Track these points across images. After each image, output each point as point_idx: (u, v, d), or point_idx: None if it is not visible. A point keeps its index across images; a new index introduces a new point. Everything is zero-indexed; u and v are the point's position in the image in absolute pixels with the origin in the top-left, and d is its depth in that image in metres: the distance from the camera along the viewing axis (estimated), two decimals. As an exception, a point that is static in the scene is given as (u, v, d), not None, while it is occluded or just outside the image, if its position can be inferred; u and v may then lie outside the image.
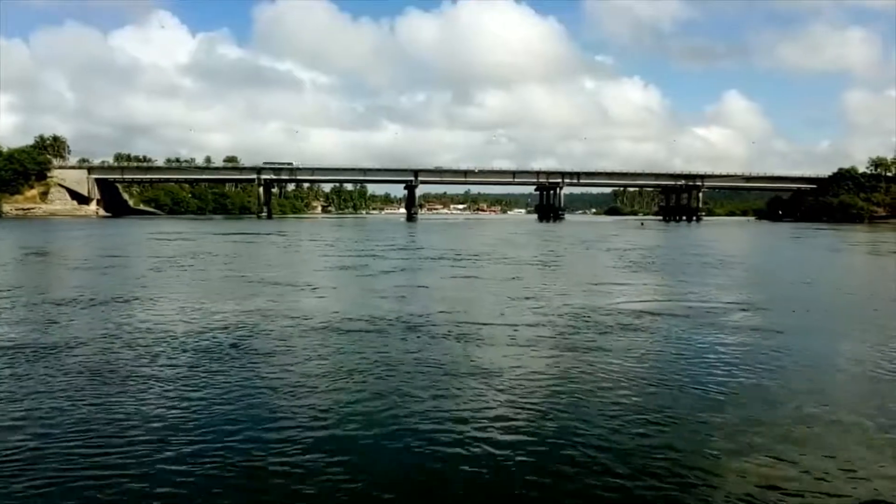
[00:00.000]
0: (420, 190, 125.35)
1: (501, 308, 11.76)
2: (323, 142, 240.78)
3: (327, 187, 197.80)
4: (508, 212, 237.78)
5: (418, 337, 9.10)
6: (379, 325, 9.91)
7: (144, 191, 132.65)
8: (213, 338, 8.95)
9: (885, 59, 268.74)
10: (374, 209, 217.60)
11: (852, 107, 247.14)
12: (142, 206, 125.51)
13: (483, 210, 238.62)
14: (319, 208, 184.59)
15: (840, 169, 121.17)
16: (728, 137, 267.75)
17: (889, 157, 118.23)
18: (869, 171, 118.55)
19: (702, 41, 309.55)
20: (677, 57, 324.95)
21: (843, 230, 63.76)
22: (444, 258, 24.21)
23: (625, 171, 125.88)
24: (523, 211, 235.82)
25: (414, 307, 11.80)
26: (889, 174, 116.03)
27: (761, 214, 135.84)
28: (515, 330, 9.61)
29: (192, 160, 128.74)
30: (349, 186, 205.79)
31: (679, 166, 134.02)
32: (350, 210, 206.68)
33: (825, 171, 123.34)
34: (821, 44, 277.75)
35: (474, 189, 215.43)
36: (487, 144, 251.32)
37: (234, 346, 8.46)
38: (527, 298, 12.93)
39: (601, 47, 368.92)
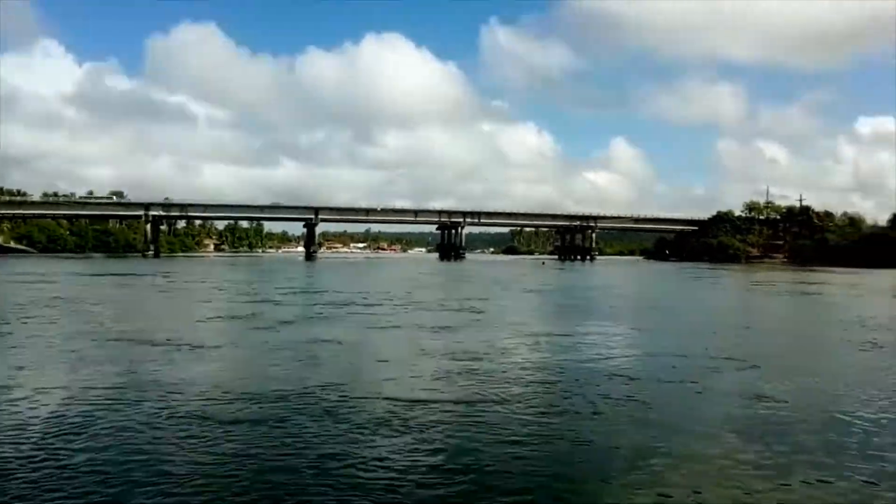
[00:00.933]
0: (319, 228, 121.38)
1: (442, 375, 9.29)
2: (217, 177, 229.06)
3: (221, 224, 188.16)
4: (409, 251, 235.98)
5: (337, 426, 6.50)
6: (279, 407, 7.21)
7: (17, 227, 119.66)
8: (29, 434, 5.93)
9: (751, 113, 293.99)
10: (270, 247, 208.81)
11: (723, 155, 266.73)
12: (12, 244, 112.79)
13: (384, 249, 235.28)
14: (212, 246, 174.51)
15: (718, 212, 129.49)
16: (615, 181, 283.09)
17: (761, 201, 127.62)
18: (744, 215, 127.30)
19: (590, 91, 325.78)
20: (568, 104, 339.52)
21: (727, 269, 66.69)
22: (353, 303, 21.50)
23: (524, 211, 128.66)
24: (423, 250, 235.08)
25: (325, 375, 9.12)
26: (762, 217, 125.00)
27: (649, 254, 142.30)
28: (470, 410, 7.22)
29: (73, 194, 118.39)
30: (244, 224, 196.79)
31: (572, 208, 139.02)
32: (245, 248, 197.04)
33: (703, 213, 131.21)
34: (693, 96, 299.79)
35: (374, 228, 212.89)
36: (387, 184, 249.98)
37: (56, 452, 5.49)
38: (470, 359, 10.53)
39: (498, 92, 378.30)
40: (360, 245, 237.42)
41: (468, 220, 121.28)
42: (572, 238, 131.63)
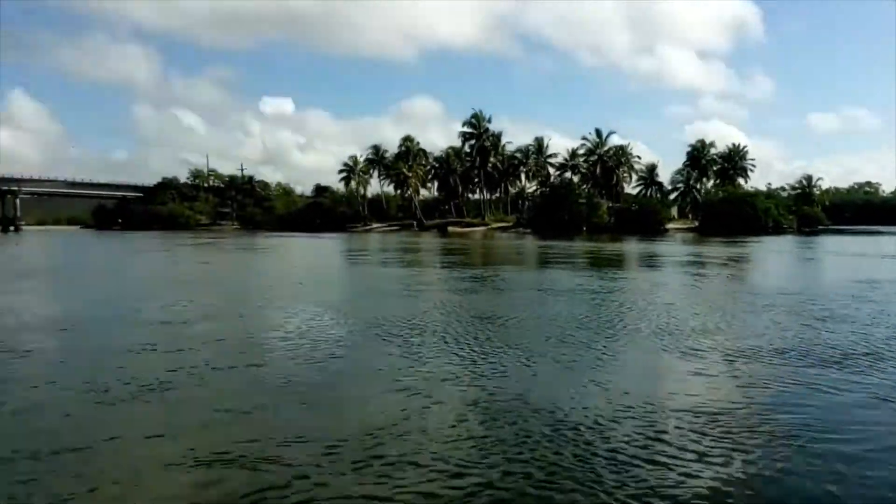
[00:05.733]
0: None
1: None
2: None
3: None
4: None
5: None
6: None
7: None
8: None
9: (165, 79, 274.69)
10: None
11: (141, 120, 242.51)
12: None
13: None
14: None
15: (164, 178, 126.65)
16: (16, 139, 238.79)
17: (204, 169, 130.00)
18: (189, 181, 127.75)
19: None
20: None
21: (184, 236, 65.59)
22: None
23: None
24: None
25: None
26: (206, 185, 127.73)
27: (92, 223, 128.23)
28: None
29: None
30: None
31: None
32: None
33: (131, 179, 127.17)
34: (103, 54, 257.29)
35: None
36: None
37: None
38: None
39: None
40: None
41: None
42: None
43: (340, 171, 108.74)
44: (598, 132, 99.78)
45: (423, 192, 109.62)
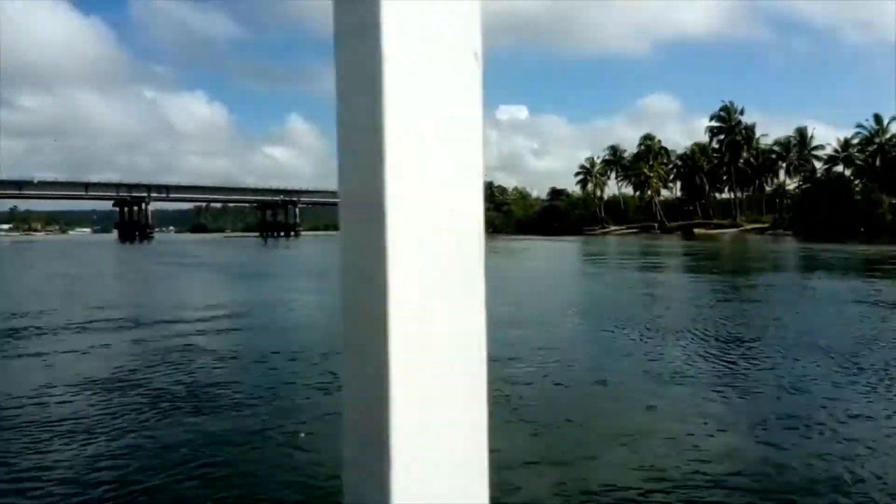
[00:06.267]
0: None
1: None
2: None
3: None
4: (70, 232, 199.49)
5: None
6: None
7: None
8: None
9: None
10: None
11: None
12: None
13: (37, 231, 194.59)
14: None
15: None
16: (294, 156, 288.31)
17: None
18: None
19: (261, 62, 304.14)
20: (239, 75, 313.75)
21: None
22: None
23: (217, 185, 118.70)
24: (88, 230, 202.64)
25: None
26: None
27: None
28: None
29: None
30: None
31: (252, 182, 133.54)
32: None
33: None
34: None
35: (22, 205, 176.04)
36: (30, 153, 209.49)
37: None
38: None
39: (157, 56, 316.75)
40: (5, 226, 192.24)
41: (154, 194, 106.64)
42: (274, 214, 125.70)
43: (577, 174, 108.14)
44: (878, 118, 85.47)
45: (664, 193, 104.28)
